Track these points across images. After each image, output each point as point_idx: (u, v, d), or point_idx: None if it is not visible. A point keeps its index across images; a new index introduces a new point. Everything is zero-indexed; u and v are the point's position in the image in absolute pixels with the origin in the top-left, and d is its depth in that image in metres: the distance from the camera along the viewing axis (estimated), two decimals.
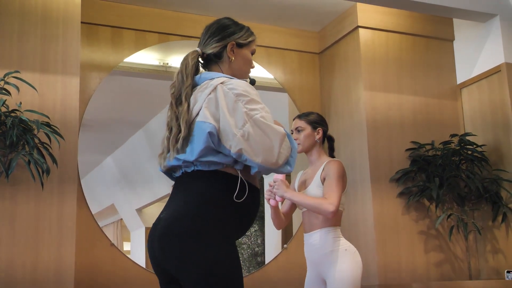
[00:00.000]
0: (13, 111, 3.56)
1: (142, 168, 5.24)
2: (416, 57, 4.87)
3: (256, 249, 5.02)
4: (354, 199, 4.60)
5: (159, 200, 5.20)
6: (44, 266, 3.61)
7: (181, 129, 2.05)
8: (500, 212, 4.35)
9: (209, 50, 2.19)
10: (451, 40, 5.02)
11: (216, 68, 2.20)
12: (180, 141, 2.04)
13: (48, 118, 3.67)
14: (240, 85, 2.05)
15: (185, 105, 2.07)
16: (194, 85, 2.15)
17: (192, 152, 2.03)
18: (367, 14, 4.73)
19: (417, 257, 4.46)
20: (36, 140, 3.56)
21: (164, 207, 2.09)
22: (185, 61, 2.17)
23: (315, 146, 3.22)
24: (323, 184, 3.08)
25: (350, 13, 4.78)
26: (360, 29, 4.70)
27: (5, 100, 3.52)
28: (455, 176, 4.42)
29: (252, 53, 2.27)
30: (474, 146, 4.53)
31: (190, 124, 2.05)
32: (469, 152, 4.53)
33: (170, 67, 4.71)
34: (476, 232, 4.46)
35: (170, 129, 2.11)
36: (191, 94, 2.11)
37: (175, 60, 4.75)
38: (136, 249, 4.92)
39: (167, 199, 2.13)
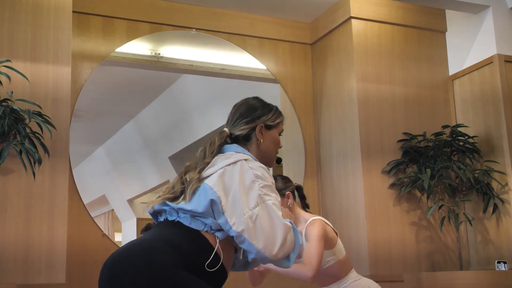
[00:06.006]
0: (4, 100, 3.53)
1: (133, 158, 5.23)
2: (408, 49, 4.87)
3: None
4: (346, 190, 4.61)
5: (150, 191, 5.18)
6: (36, 257, 3.59)
7: (185, 196, 2.02)
8: (491, 203, 4.37)
9: (238, 132, 2.19)
10: (444, 31, 5.02)
11: (244, 147, 2.19)
12: (180, 203, 2.03)
13: (40, 107, 3.65)
14: (261, 169, 2.05)
15: (196, 176, 2.04)
16: (218, 152, 2.14)
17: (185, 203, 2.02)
18: (359, 5, 4.72)
19: (408, 248, 4.48)
20: (28, 130, 3.53)
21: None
22: (211, 139, 2.16)
23: (291, 211, 3.03)
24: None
25: (343, 4, 4.76)
26: (353, 20, 4.69)
27: None
28: (446, 167, 4.43)
29: (280, 134, 2.26)
30: (466, 137, 4.55)
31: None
32: (461, 143, 4.54)
33: (162, 57, 4.68)
34: (467, 223, 4.48)
35: (172, 187, 2.09)
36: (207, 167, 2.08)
37: (167, 50, 4.72)
38: (127, 239, 4.91)
39: (158, 189, 2.12)
